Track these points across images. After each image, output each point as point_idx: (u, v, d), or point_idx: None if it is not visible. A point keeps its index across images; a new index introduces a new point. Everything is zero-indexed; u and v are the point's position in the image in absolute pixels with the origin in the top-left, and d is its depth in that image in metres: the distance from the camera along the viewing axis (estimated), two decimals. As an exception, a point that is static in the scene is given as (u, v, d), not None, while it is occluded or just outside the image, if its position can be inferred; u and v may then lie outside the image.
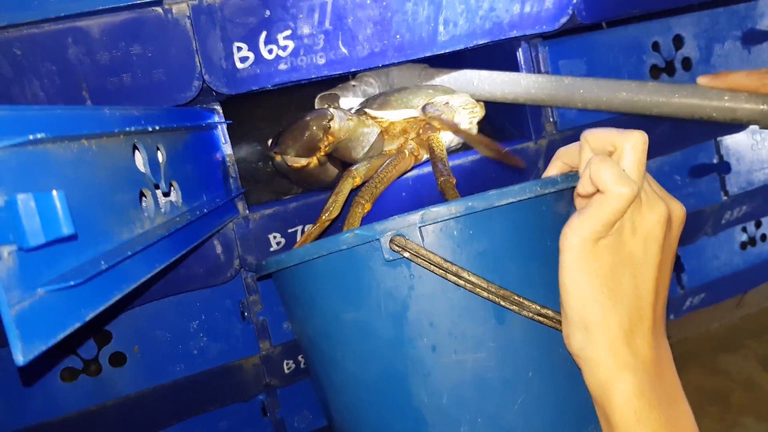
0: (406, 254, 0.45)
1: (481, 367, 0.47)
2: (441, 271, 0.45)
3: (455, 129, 0.64)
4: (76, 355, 0.63)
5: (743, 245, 1.03)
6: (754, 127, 0.95)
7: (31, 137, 0.29)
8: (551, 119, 0.73)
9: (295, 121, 0.59)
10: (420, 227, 0.46)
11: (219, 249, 0.65)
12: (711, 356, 1.13)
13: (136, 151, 0.43)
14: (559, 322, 0.45)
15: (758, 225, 1.05)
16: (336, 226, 0.66)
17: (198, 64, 0.54)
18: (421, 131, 0.67)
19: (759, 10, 0.84)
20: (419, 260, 0.45)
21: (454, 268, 0.45)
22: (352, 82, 0.74)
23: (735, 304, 1.17)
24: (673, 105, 0.66)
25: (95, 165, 0.37)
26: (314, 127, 0.57)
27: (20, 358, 0.28)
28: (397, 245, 0.45)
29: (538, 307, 0.45)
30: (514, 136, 0.77)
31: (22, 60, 0.48)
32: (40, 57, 0.48)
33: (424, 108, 0.65)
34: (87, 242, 0.34)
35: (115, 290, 0.36)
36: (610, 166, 0.37)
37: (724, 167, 0.94)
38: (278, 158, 0.60)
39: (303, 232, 0.68)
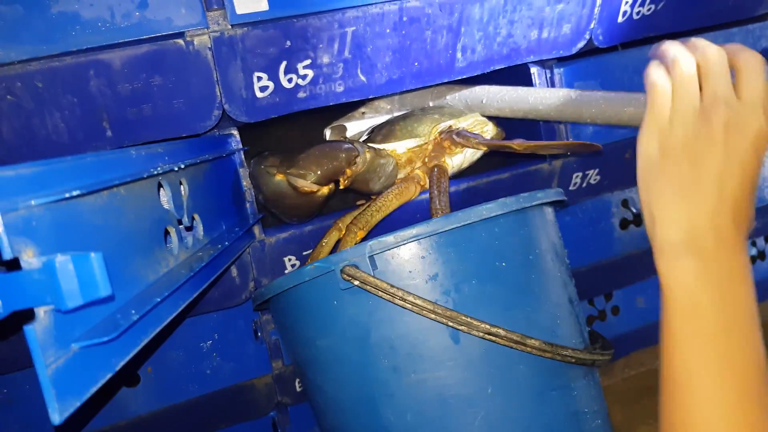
0: (356, 282, 0.49)
1: (441, 386, 0.49)
2: (388, 296, 0.48)
3: (502, 144, 0.64)
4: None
5: (752, 259, 1.03)
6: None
7: (66, 195, 0.29)
8: (566, 138, 0.73)
9: (318, 149, 0.59)
10: (370, 256, 0.49)
11: (235, 272, 0.65)
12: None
13: (161, 189, 0.43)
14: (513, 341, 0.48)
15: (767, 240, 1.05)
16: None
17: (218, 93, 0.54)
18: (426, 159, 0.68)
19: (772, 30, 0.84)
20: (368, 287, 0.48)
21: (400, 293, 0.48)
22: (362, 110, 0.74)
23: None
24: None
25: (124, 209, 0.37)
26: (341, 159, 0.59)
27: (56, 418, 0.28)
28: (347, 275, 0.49)
29: (488, 326, 0.47)
30: (528, 157, 0.76)
31: (44, 92, 0.48)
32: (61, 89, 0.48)
33: (449, 134, 0.66)
34: (118, 291, 0.34)
35: (144, 335, 0.36)
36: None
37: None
38: (281, 177, 0.60)
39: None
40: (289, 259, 0.67)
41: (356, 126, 0.72)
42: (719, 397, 0.36)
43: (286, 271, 0.68)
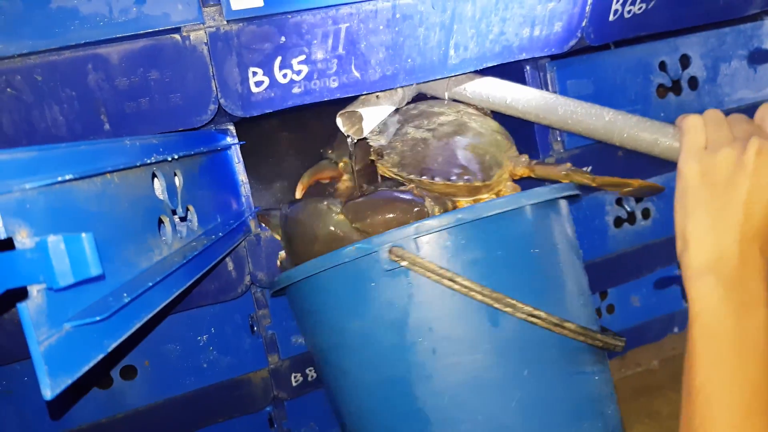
0: (404, 263, 0.49)
1: (478, 368, 0.50)
2: (437, 277, 0.48)
3: (580, 180, 0.63)
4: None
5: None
6: None
7: (60, 178, 0.30)
8: (558, 138, 0.74)
9: (388, 206, 0.58)
10: (415, 238, 0.49)
11: (231, 266, 0.66)
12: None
13: (155, 179, 0.44)
14: (553, 324, 0.49)
15: None
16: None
17: (214, 88, 0.55)
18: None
19: (765, 30, 0.85)
20: (416, 268, 0.49)
21: (449, 274, 0.48)
22: (377, 93, 0.72)
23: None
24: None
25: (117, 197, 0.38)
26: (410, 218, 0.57)
27: (48, 393, 0.29)
28: (395, 255, 0.49)
29: (531, 309, 0.48)
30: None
31: (43, 86, 0.49)
32: (60, 83, 0.49)
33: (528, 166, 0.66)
34: (110, 275, 0.35)
35: (136, 319, 0.37)
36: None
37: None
38: (344, 220, 0.59)
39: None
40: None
41: (369, 112, 0.70)
42: (731, 410, 0.39)
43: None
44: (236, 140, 0.62)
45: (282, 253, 0.67)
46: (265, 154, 0.78)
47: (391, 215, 0.57)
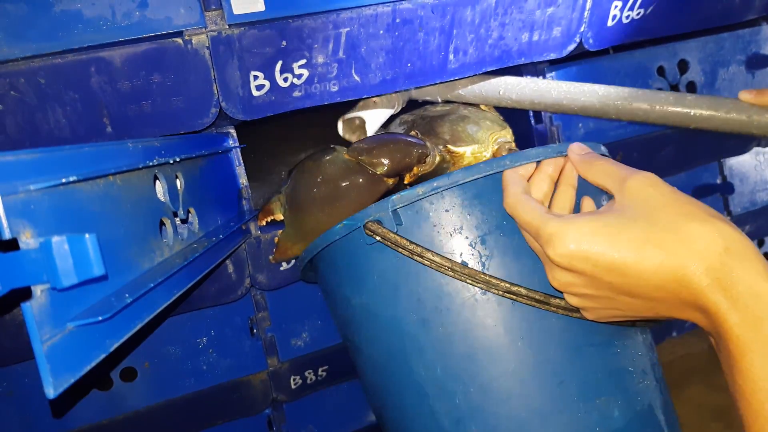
0: (378, 238, 0.48)
1: (469, 338, 0.49)
2: (407, 252, 0.48)
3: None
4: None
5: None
6: (757, 148, 0.96)
7: (63, 180, 0.30)
8: (557, 140, 0.75)
9: (392, 141, 0.60)
10: (393, 210, 0.49)
11: (231, 268, 0.66)
12: (713, 373, 1.14)
13: (157, 181, 0.45)
14: (535, 300, 0.47)
15: (761, 243, 1.06)
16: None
17: (215, 92, 0.55)
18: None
19: (763, 35, 0.85)
20: (388, 243, 0.48)
21: (418, 249, 0.47)
22: (374, 99, 0.73)
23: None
24: (714, 120, 0.66)
25: (120, 199, 0.38)
26: (413, 156, 0.59)
27: (51, 392, 0.29)
28: (369, 230, 0.48)
29: (507, 285, 0.47)
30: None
31: (46, 88, 0.49)
32: (63, 86, 0.50)
33: (509, 150, 0.66)
34: (113, 276, 0.35)
35: (137, 320, 0.38)
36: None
37: (728, 188, 0.95)
38: (350, 158, 0.60)
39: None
40: (285, 256, 0.69)
41: (370, 116, 0.71)
42: None
43: (281, 268, 0.70)
44: (237, 143, 0.62)
45: (278, 237, 0.67)
46: (265, 156, 0.79)
47: (394, 147, 0.58)
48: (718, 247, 0.36)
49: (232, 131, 0.63)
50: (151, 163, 0.42)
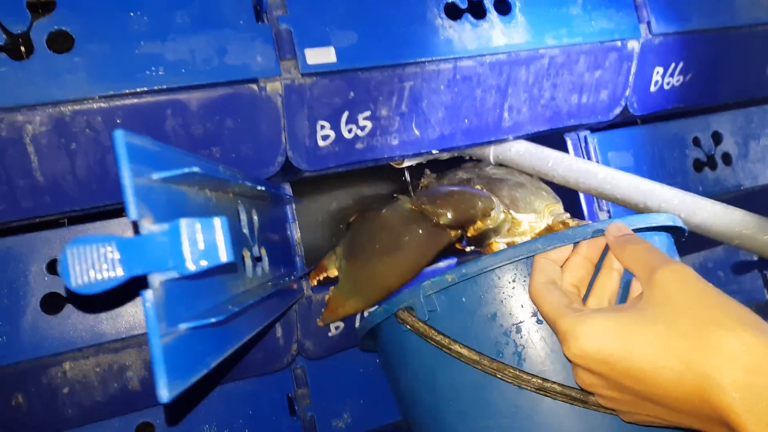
0: (408, 327, 0.46)
1: None
2: (434, 343, 0.45)
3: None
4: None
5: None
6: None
7: (186, 170, 0.29)
8: (605, 208, 0.75)
9: (457, 192, 0.60)
10: (426, 297, 0.46)
11: (279, 332, 0.63)
12: None
13: (239, 212, 0.43)
14: (571, 398, 0.42)
15: None
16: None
17: (284, 140, 0.55)
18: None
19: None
20: (417, 333, 0.46)
21: (446, 341, 0.44)
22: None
23: None
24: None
25: (215, 215, 0.37)
26: (478, 209, 0.58)
27: (165, 393, 0.26)
28: (400, 318, 0.46)
29: (540, 381, 0.43)
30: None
31: (122, 128, 0.49)
32: (138, 126, 0.50)
33: (565, 224, 0.65)
34: (216, 288, 0.33)
35: (228, 344, 0.35)
36: None
37: (767, 265, 0.94)
38: (413, 207, 0.59)
39: (362, 317, 0.67)
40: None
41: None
42: None
43: (329, 333, 0.66)
44: (292, 200, 0.62)
45: (329, 294, 0.64)
46: (315, 214, 0.78)
47: (459, 197, 0.57)
48: (743, 362, 0.32)
49: (287, 187, 0.62)
50: (237, 189, 0.40)
